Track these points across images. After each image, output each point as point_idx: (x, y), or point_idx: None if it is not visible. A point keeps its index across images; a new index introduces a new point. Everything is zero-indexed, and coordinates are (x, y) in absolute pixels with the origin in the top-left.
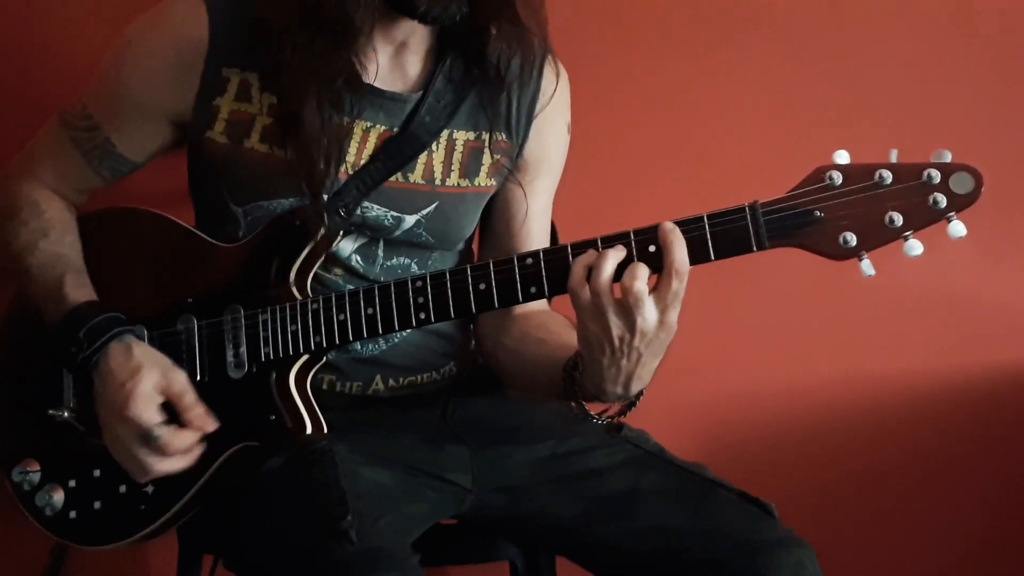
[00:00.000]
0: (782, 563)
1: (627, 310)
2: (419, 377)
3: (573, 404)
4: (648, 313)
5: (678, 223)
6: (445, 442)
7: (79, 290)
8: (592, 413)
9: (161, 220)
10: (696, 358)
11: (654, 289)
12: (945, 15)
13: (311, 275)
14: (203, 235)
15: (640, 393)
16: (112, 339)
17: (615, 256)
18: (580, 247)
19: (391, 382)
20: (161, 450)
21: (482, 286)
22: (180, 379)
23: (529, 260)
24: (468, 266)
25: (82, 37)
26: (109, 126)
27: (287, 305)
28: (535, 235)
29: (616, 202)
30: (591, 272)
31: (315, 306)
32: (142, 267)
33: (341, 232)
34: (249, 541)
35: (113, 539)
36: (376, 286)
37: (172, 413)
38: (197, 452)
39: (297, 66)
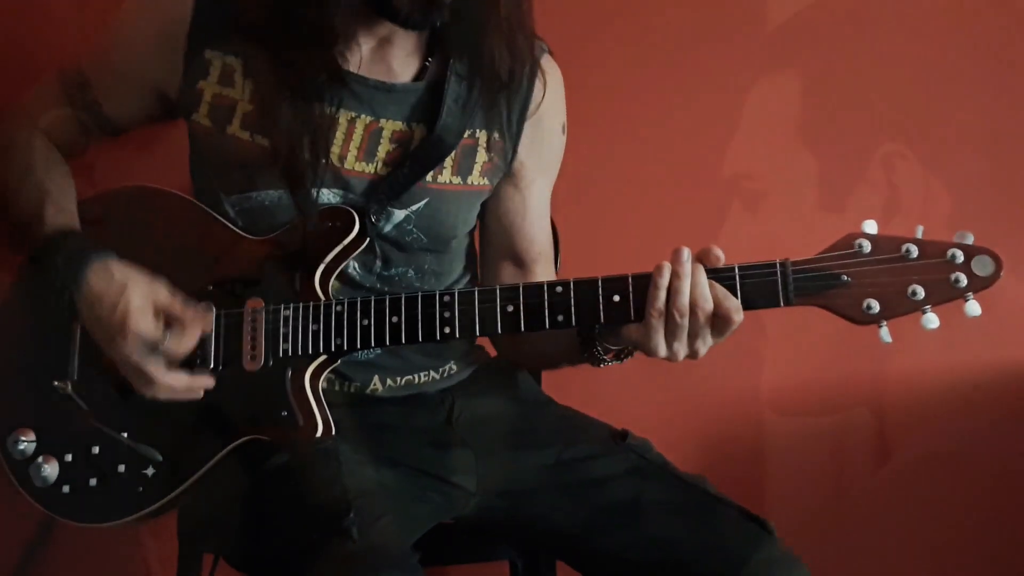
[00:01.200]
0: None
1: (714, 327)
2: (416, 377)
3: (596, 350)
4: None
5: (710, 271)
6: (450, 445)
7: (57, 217)
8: (606, 357)
9: (188, 202)
10: (699, 363)
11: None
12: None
13: (334, 277)
14: (229, 224)
15: None
16: (90, 261)
17: (696, 275)
18: (611, 281)
19: (389, 382)
20: (169, 355)
21: (510, 308)
22: (163, 289)
23: (559, 288)
24: (498, 286)
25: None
26: (99, 88)
27: (311, 304)
28: (535, 236)
29: (620, 204)
30: (670, 295)
31: (339, 308)
32: (166, 248)
33: (368, 238)
34: (251, 536)
35: (106, 518)
36: (403, 295)
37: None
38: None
39: (277, 58)
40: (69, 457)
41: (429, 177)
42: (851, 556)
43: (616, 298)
